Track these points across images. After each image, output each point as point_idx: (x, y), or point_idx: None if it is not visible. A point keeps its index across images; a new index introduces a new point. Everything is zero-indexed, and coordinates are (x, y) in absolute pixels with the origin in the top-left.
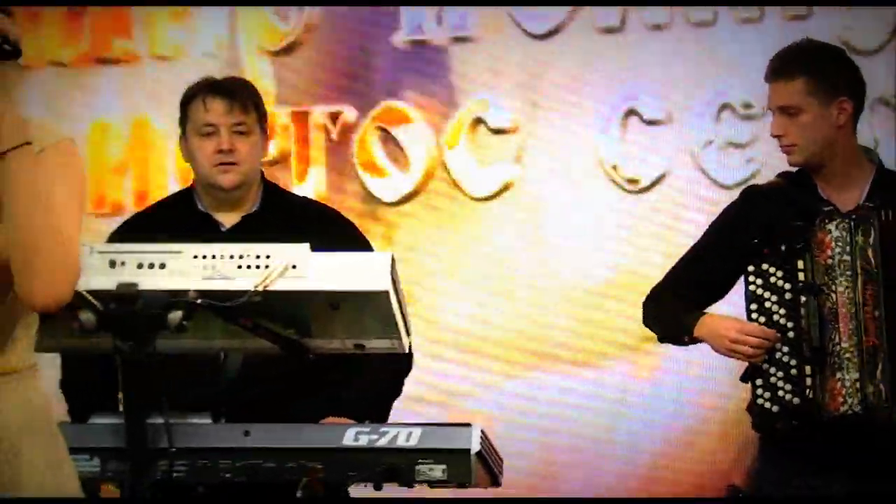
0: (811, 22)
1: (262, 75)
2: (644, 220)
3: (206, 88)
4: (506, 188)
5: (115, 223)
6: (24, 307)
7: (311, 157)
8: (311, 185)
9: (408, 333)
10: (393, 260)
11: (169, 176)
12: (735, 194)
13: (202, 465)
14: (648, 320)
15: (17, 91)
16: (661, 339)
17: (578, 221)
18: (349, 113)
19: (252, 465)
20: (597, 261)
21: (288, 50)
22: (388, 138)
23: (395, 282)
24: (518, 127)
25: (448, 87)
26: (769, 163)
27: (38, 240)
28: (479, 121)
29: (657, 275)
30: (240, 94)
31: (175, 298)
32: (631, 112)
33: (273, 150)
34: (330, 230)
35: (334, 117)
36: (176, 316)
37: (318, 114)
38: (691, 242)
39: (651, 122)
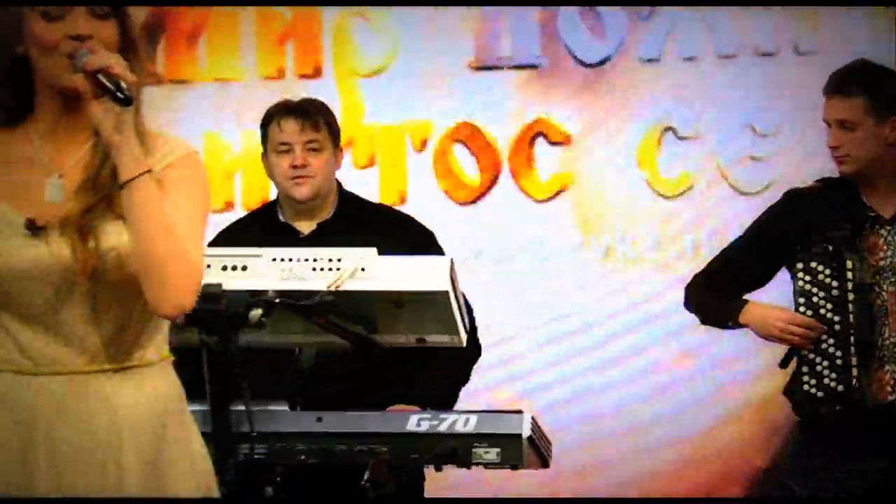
0: (818, 57)
1: (353, 95)
2: (676, 220)
3: (281, 110)
4: (561, 192)
5: (224, 219)
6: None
7: (395, 165)
8: (395, 190)
9: (465, 329)
10: (452, 263)
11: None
12: (753, 200)
13: (280, 448)
14: (691, 305)
15: (135, 122)
16: (703, 322)
17: (623, 220)
18: (429, 127)
19: (325, 448)
20: (637, 254)
21: (376, 73)
22: (462, 149)
23: (454, 282)
24: (572, 140)
25: (513, 105)
26: (784, 173)
27: (161, 259)
28: (539, 134)
29: (691, 268)
30: (312, 114)
31: (255, 298)
32: (667, 129)
33: (363, 159)
34: (401, 233)
35: (416, 130)
36: (256, 314)
37: (402, 127)
38: (715, 238)
39: (684, 138)
